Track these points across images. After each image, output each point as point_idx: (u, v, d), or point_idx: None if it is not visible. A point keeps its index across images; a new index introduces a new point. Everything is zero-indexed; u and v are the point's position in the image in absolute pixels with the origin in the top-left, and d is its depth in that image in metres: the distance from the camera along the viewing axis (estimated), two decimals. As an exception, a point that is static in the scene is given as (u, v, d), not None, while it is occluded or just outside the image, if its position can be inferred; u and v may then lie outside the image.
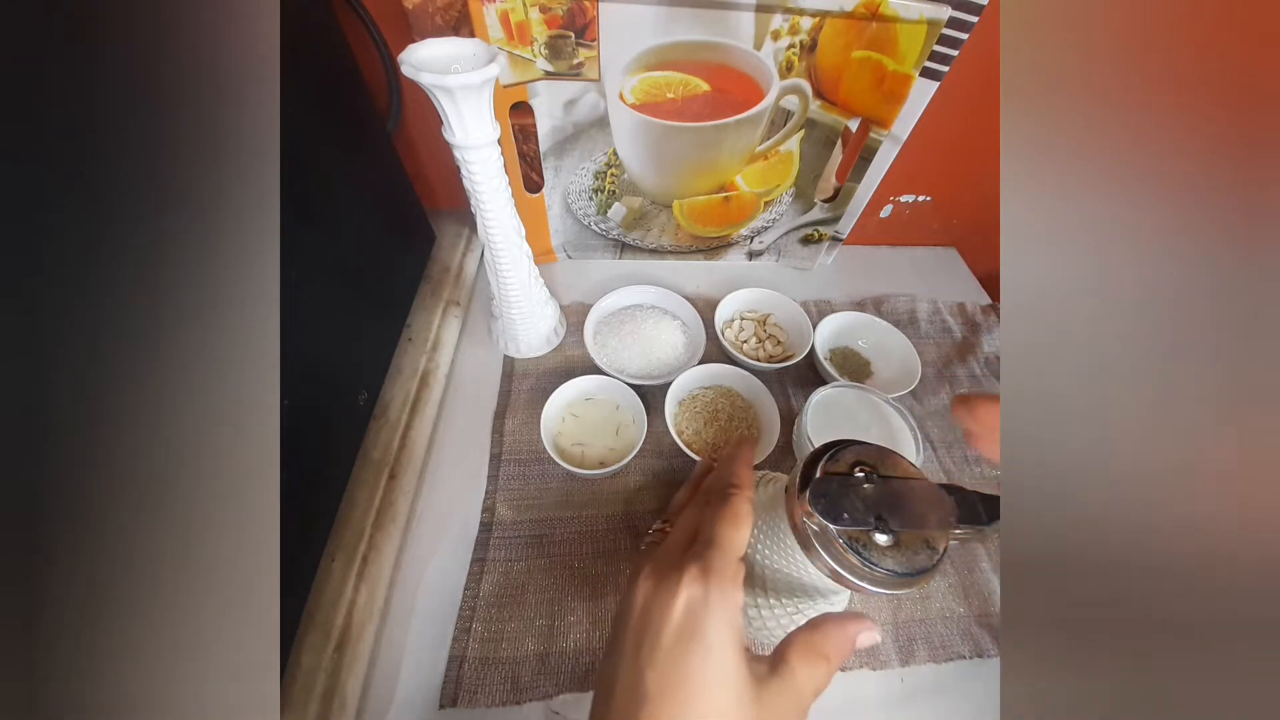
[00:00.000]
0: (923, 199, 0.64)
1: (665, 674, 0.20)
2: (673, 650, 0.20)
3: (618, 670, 0.21)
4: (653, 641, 0.21)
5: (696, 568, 0.22)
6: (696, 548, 0.23)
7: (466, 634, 0.35)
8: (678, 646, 0.20)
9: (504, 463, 0.43)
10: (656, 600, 0.22)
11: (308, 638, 0.32)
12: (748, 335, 0.52)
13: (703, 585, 0.21)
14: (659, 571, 0.23)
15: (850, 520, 0.22)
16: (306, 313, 0.33)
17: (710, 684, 0.20)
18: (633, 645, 0.21)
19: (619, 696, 0.20)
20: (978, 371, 0.55)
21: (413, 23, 0.41)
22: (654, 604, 0.22)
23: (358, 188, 0.40)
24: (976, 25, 0.40)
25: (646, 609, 0.22)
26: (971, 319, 0.60)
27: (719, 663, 0.20)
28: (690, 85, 0.44)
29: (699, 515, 0.25)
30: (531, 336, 0.49)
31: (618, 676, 0.21)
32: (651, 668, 0.20)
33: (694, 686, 0.19)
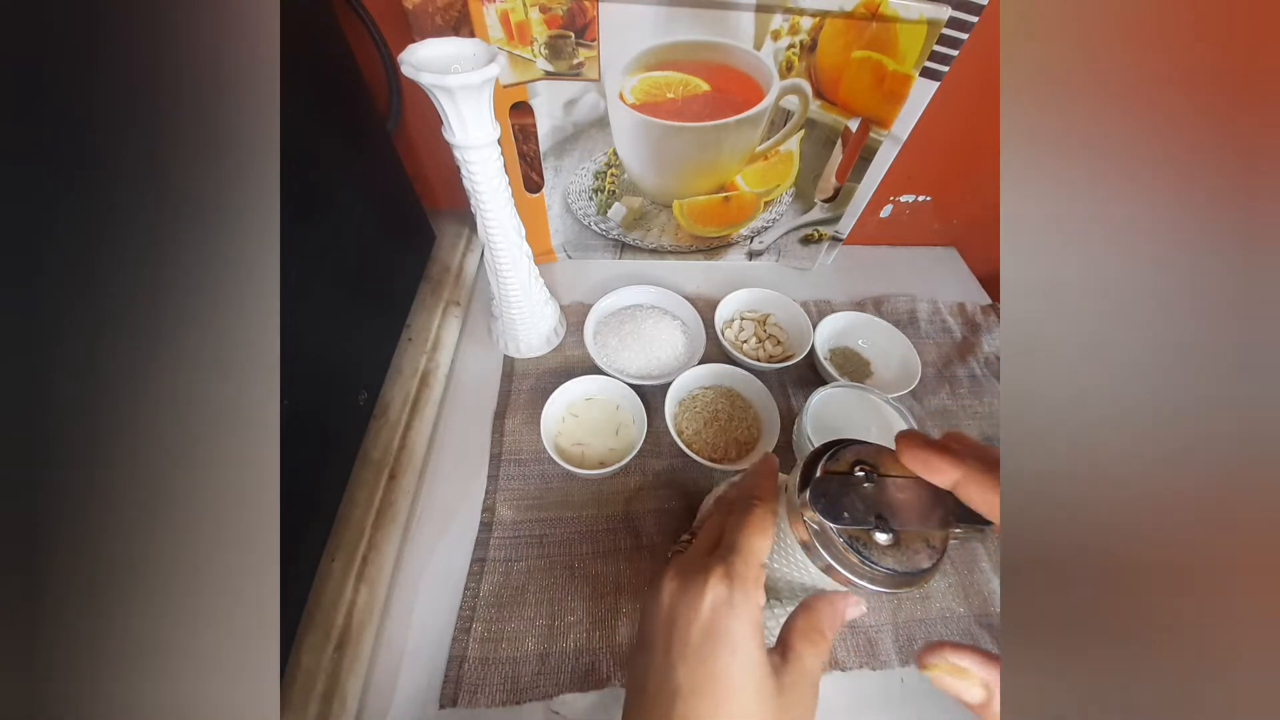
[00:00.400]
0: (923, 199, 0.64)
1: (695, 670, 0.21)
2: (701, 647, 0.22)
3: (649, 668, 0.23)
4: (682, 639, 0.22)
5: (721, 569, 0.23)
6: (720, 552, 0.24)
7: (466, 634, 0.35)
8: (706, 644, 0.22)
9: (504, 463, 0.43)
10: (683, 600, 0.23)
11: (308, 638, 0.32)
12: (748, 335, 0.52)
13: (727, 586, 0.22)
14: (685, 573, 0.24)
15: (850, 520, 0.22)
16: (306, 312, 0.33)
17: (737, 678, 0.21)
18: (663, 643, 0.23)
19: (651, 693, 0.22)
20: (978, 371, 0.55)
21: (413, 23, 0.41)
22: (681, 603, 0.23)
23: (358, 188, 0.40)
24: (976, 25, 0.40)
25: (673, 608, 0.23)
26: (971, 319, 0.60)
27: (745, 658, 0.21)
28: (690, 85, 0.44)
29: (723, 523, 0.26)
30: (531, 336, 0.49)
31: (649, 674, 0.23)
32: (683, 664, 0.22)
33: (723, 681, 0.21)
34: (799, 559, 0.25)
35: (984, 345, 0.57)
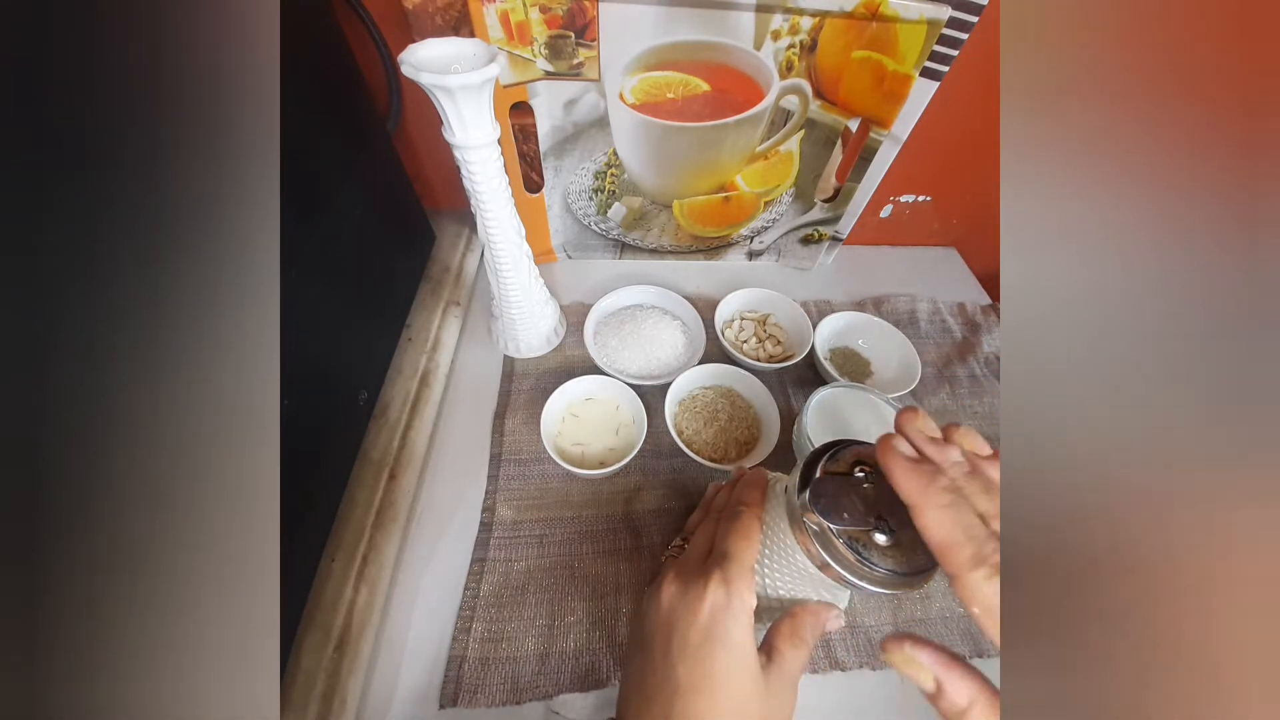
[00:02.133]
0: (923, 199, 0.64)
1: (695, 669, 0.23)
2: (701, 648, 0.23)
3: (647, 667, 0.24)
4: (682, 640, 0.23)
5: (719, 574, 0.24)
6: (714, 558, 0.26)
7: (466, 634, 0.35)
8: (705, 644, 0.23)
9: (504, 463, 0.43)
10: (683, 603, 0.24)
11: (308, 638, 0.32)
12: (748, 335, 0.52)
13: (725, 591, 0.24)
14: (683, 578, 0.25)
15: (850, 520, 0.22)
16: (307, 312, 0.33)
17: (734, 676, 0.23)
18: (662, 643, 0.24)
19: (650, 690, 0.23)
20: (978, 371, 0.55)
21: (413, 23, 0.41)
22: (680, 606, 0.24)
23: (358, 187, 0.40)
24: (976, 25, 0.40)
25: (673, 610, 0.24)
26: (971, 319, 0.60)
27: (741, 658, 0.23)
28: (690, 85, 0.44)
29: (714, 530, 0.28)
30: (531, 336, 0.49)
31: (647, 673, 0.24)
32: (683, 663, 0.23)
33: (720, 679, 0.22)
34: (797, 558, 0.25)
35: (984, 345, 0.57)
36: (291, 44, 0.30)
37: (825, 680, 0.36)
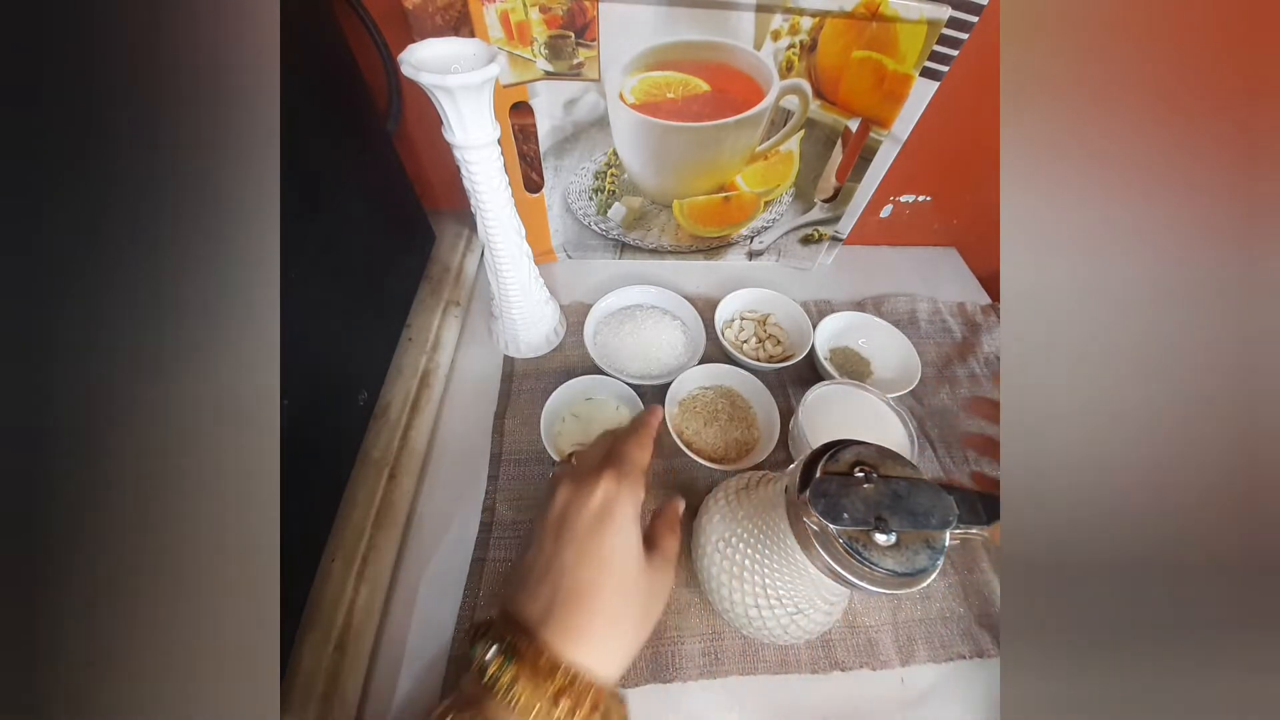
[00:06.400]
0: (923, 199, 0.64)
1: (583, 548, 0.24)
2: (591, 529, 0.25)
3: (537, 556, 0.25)
4: (571, 526, 0.25)
5: (613, 471, 0.26)
6: (609, 459, 0.28)
7: (466, 634, 0.35)
8: (594, 527, 0.25)
9: (504, 463, 0.43)
10: (576, 498, 0.26)
11: (308, 638, 0.32)
12: (748, 335, 0.52)
13: (616, 482, 0.26)
14: (577, 478, 0.27)
15: (850, 520, 0.22)
16: (307, 312, 0.33)
17: (619, 553, 0.25)
18: (553, 533, 0.25)
19: (539, 571, 0.24)
20: (978, 371, 0.55)
21: (413, 23, 0.41)
22: (574, 501, 0.26)
23: (357, 188, 0.40)
24: (976, 25, 0.40)
25: (567, 505, 0.26)
26: (971, 319, 0.60)
27: (625, 537, 0.25)
28: (690, 85, 0.44)
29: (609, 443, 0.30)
30: (531, 336, 0.49)
31: (537, 560, 0.25)
32: (571, 545, 0.24)
33: (606, 555, 0.24)
34: (797, 558, 0.25)
35: (984, 345, 0.57)
36: (291, 44, 0.30)
37: (825, 680, 0.36)
